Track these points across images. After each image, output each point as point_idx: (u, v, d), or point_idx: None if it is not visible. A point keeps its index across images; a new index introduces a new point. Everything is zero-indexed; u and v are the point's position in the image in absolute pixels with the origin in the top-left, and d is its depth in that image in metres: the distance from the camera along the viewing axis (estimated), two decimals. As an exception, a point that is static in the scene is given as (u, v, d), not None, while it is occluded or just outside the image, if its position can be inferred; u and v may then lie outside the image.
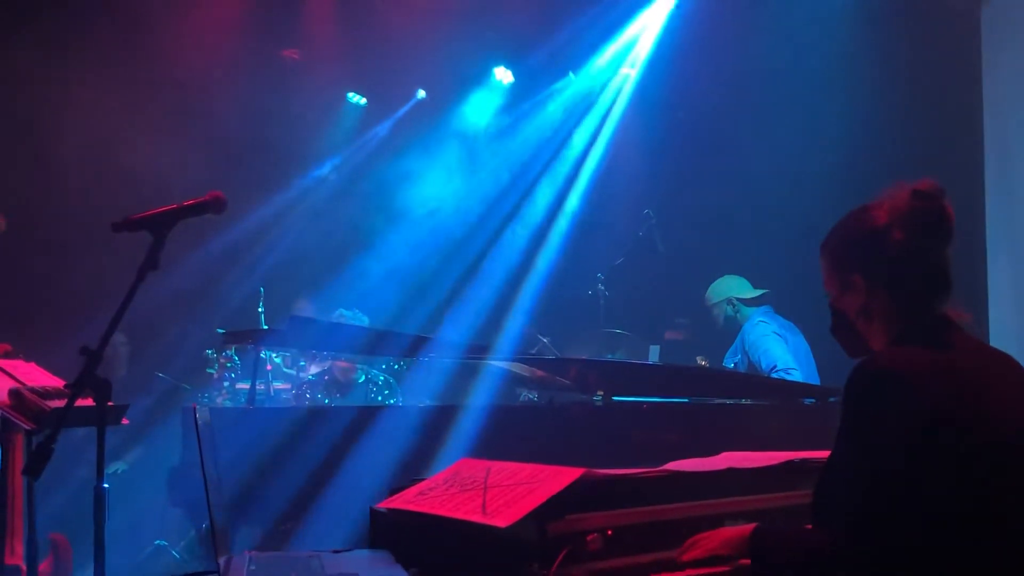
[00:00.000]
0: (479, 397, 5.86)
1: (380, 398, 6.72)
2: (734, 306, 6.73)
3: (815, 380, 6.34)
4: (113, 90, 7.54)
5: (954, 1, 7.30)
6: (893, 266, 2.36)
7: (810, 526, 2.34)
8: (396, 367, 6.98)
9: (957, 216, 2.38)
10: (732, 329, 6.75)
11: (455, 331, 7.85)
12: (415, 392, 7.11)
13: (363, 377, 6.76)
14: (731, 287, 6.78)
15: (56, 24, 7.63)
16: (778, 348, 6.33)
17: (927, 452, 2.13)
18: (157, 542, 6.71)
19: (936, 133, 7.22)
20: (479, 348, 5.87)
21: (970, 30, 7.37)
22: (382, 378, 6.81)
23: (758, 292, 6.73)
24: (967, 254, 6.64)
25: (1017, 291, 6.80)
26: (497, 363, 5.58)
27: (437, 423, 4.57)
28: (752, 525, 2.38)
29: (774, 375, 6.15)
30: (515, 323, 8.00)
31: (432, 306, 8.21)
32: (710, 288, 6.88)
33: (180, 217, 3.02)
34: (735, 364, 6.61)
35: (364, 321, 6.89)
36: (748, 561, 2.34)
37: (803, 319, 6.64)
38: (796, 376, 6.16)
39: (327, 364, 6.86)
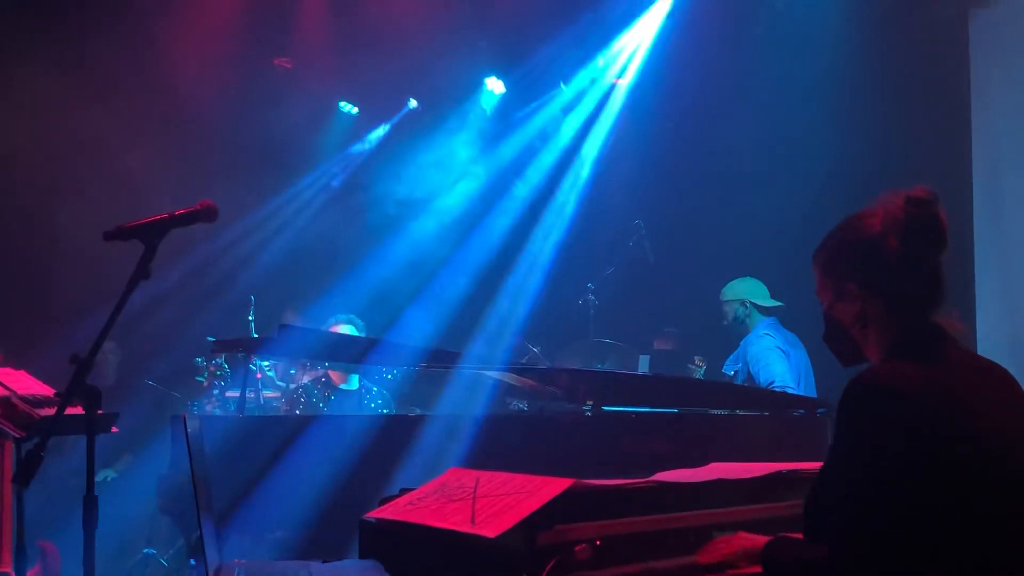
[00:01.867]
0: (469, 406, 5.87)
1: (373, 406, 6.71)
2: (747, 308, 6.69)
3: (813, 395, 6.34)
4: (106, 97, 7.54)
5: (943, 9, 7.34)
6: (888, 274, 2.35)
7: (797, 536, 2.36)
8: (388, 376, 6.97)
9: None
10: (736, 330, 6.72)
11: (445, 340, 7.85)
12: (407, 401, 7.12)
13: (357, 384, 6.75)
14: (750, 290, 6.75)
15: (51, 31, 7.63)
16: (779, 365, 6.31)
17: (919, 467, 2.13)
18: (145, 550, 6.70)
19: (925, 140, 7.25)
20: (469, 358, 5.86)
21: (959, 38, 7.41)
22: (375, 388, 6.81)
23: (774, 303, 6.71)
24: (955, 262, 6.64)
25: (1005, 300, 6.82)
26: (487, 372, 5.58)
27: (427, 433, 4.57)
28: (767, 537, 2.38)
29: (771, 391, 6.15)
30: (505, 333, 8.01)
31: (423, 315, 8.21)
32: (728, 284, 6.83)
33: (171, 226, 3.02)
34: (735, 373, 6.61)
35: (359, 327, 6.88)
36: (759, 568, 2.35)
37: (795, 330, 6.65)
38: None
39: (320, 372, 6.85)
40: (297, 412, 6.40)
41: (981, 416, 2.22)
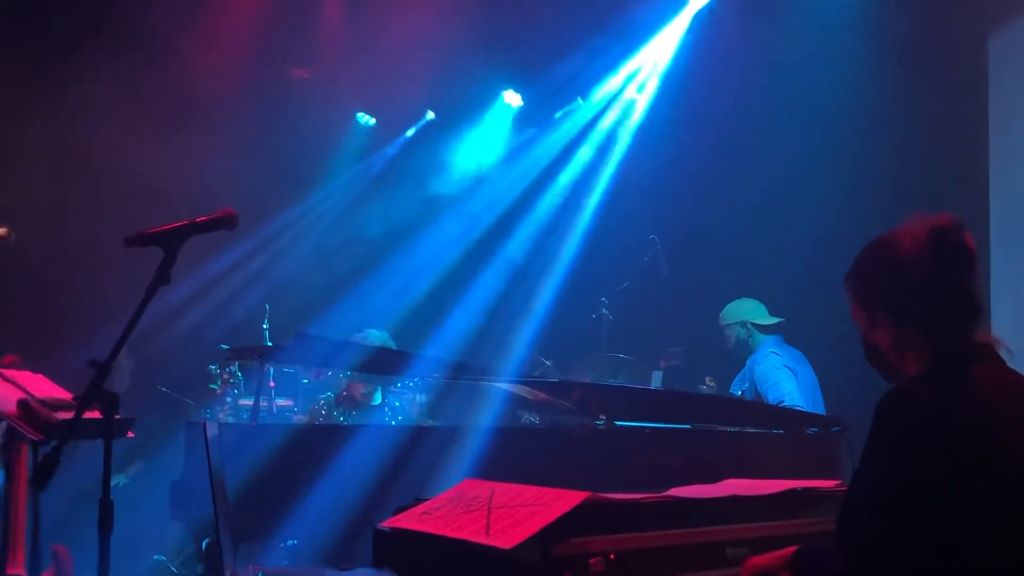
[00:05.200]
0: (482, 418, 5.87)
1: (394, 423, 6.70)
2: (747, 330, 6.66)
3: (822, 412, 6.31)
4: (125, 105, 7.58)
5: (962, 30, 7.33)
6: (920, 303, 2.35)
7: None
8: (399, 385, 6.97)
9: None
10: (741, 352, 6.70)
11: (459, 352, 7.86)
12: (422, 412, 7.11)
13: (380, 399, 6.75)
14: (748, 310, 6.72)
15: (68, 41, 7.69)
16: (788, 383, 6.28)
17: (944, 482, 2.14)
18: (156, 556, 6.70)
19: (943, 159, 7.24)
20: (482, 369, 5.87)
21: (978, 59, 7.41)
22: (398, 402, 6.79)
23: (774, 320, 6.67)
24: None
25: (1020, 319, 6.80)
26: (500, 385, 5.58)
27: (441, 443, 4.58)
28: (794, 547, 2.39)
29: (780, 409, 6.12)
30: (520, 345, 8.01)
31: (438, 327, 8.22)
32: (726, 308, 6.81)
33: (192, 233, 3.04)
34: (743, 392, 6.58)
35: (389, 343, 6.89)
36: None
37: (809, 345, 6.64)
38: None
39: (341, 388, 6.84)
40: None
41: (1014, 434, 2.21)
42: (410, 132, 9.54)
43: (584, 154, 9.04)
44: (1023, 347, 2.55)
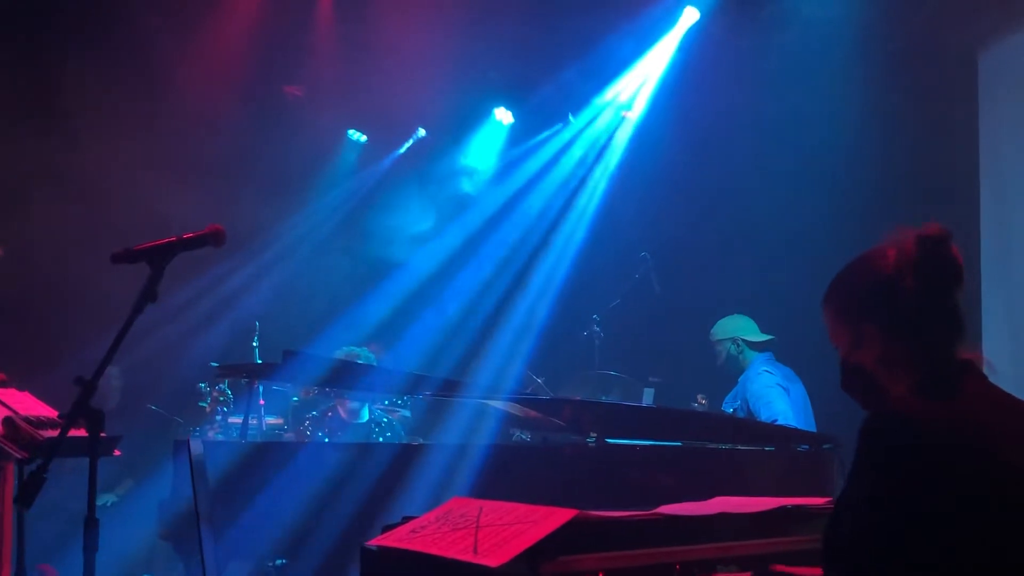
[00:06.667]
0: (472, 436, 5.85)
1: (382, 439, 6.69)
2: (738, 346, 6.65)
3: (812, 429, 6.31)
4: (115, 123, 7.58)
5: (953, 46, 7.37)
6: (908, 314, 2.30)
7: (804, 570, 2.34)
8: (386, 403, 6.96)
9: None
10: (731, 369, 6.69)
11: (450, 370, 7.85)
12: (410, 431, 7.10)
13: (367, 416, 6.74)
14: (739, 327, 6.72)
15: (63, 59, 7.69)
16: (781, 402, 6.27)
17: (938, 501, 2.11)
18: (144, 575, 6.67)
19: (934, 175, 7.27)
20: (474, 387, 5.86)
21: (968, 75, 7.44)
22: (386, 419, 6.78)
23: (765, 337, 6.67)
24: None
25: (1011, 334, 6.80)
26: (491, 403, 5.56)
27: (430, 461, 4.56)
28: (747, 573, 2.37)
29: (772, 428, 6.11)
30: (511, 363, 8.00)
31: (429, 344, 8.21)
32: (717, 324, 6.81)
33: (179, 249, 3.02)
34: (734, 410, 6.57)
35: (368, 357, 6.88)
36: None
37: (800, 362, 6.63)
38: None
39: (328, 407, 6.83)
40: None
41: (1003, 452, 2.18)
42: (402, 149, 9.55)
43: (575, 171, 9.05)
44: (1013, 362, 2.55)
